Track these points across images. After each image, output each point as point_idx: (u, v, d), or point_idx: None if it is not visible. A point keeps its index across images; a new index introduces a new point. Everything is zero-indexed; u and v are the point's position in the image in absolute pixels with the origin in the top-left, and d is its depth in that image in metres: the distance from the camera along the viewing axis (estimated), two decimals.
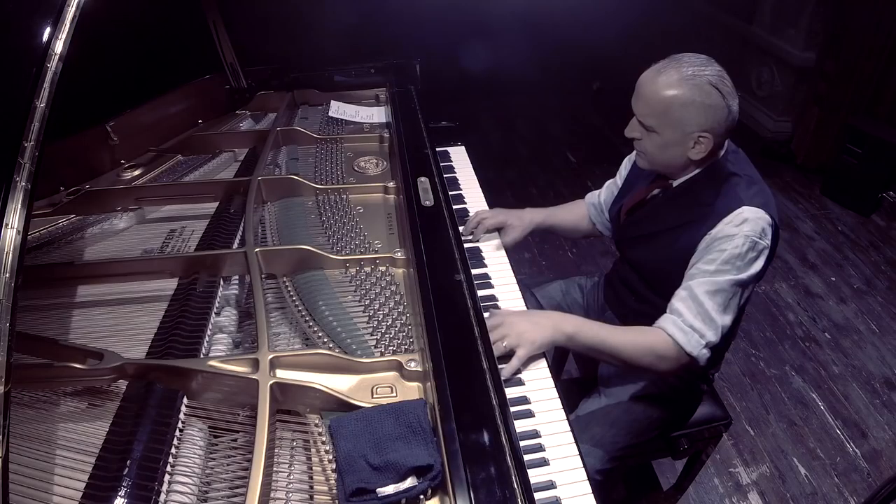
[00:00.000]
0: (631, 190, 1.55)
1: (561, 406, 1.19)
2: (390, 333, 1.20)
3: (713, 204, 1.30)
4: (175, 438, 0.98)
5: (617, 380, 1.53)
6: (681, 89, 1.22)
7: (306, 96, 2.09)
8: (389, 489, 0.90)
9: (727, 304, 1.26)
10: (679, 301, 1.27)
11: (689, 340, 1.24)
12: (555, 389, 1.22)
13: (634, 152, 1.42)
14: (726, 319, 1.26)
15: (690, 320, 1.24)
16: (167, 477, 0.93)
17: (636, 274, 1.53)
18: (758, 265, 1.26)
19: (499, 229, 1.69)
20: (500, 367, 1.22)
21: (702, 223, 1.29)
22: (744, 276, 1.25)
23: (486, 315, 1.31)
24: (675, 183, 1.39)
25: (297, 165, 1.73)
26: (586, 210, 1.76)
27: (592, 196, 1.76)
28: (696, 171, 1.35)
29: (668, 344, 1.25)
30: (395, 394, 1.08)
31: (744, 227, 1.24)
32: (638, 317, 1.51)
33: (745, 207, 1.25)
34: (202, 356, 1.13)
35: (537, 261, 3.08)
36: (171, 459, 0.95)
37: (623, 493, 2.00)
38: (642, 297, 1.51)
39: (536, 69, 4.28)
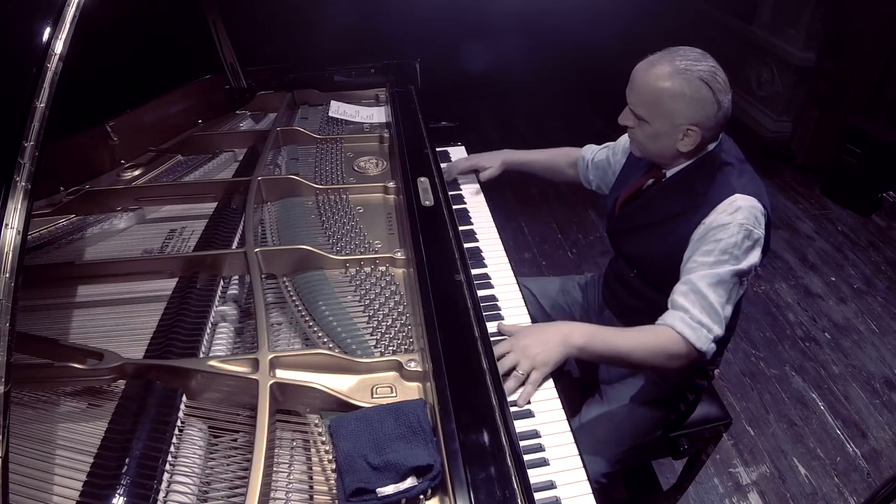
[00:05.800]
0: (625, 183, 1.55)
1: (561, 406, 1.19)
2: (390, 333, 1.20)
3: (706, 193, 1.30)
4: (175, 438, 0.98)
5: (618, 382, 1.52)
6: (671, 82, 1.24)
7: (306, 96, 2.09)
8: (389, 489, 0.90)
9: (729, 296, 1.25)
10: (681, 296, 1.25)
11: (699, 336, 1.23)
12: (555, 389, 1.22)
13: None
14: (728, 311, 1.26)
15: (697, 315, 1.23)
16: (166, 476, 0.93)
17: (631, 269, 1.52)
18: (755, 255, 1.27)
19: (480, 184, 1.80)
20: (507, 387, 1.20)
21: (695, 213, 1.30)
22: (743, 265, 1.25)
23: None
24: (669, 173, 1.40)
25: (297, 165, 1.73)
26: (577, 158, 1.80)
27: (588, 149, 1.79)
28: (688, 162, 1.36)
29: (678, 342, 1.23)
30: (395, 394, 1.08)
31: (737, 215, 1.24)
32: (636, 314, 1.50)
33: (737, 195, 1.26)
34: (202, 356, 1.13)
35: (537, 261, 3.07)
36: (170, 459, 0.95)
37: (623, 493, 2.00)
38: (638, 293, 1.51)
39: (536, 69, 4.28)
